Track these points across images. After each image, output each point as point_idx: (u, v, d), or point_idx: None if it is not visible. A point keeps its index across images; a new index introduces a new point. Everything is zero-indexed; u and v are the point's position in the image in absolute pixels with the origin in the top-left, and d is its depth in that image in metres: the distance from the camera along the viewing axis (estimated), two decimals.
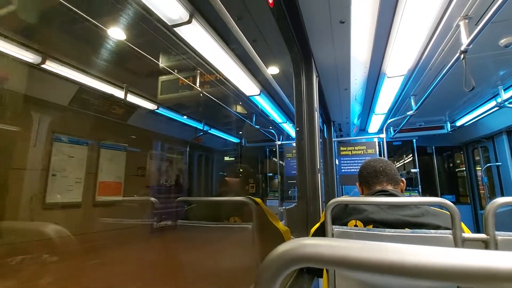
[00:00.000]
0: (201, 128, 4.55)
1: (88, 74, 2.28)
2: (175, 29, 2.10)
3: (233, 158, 6.21)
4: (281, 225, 1.45)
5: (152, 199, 1.46)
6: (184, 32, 2.13)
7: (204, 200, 1.75)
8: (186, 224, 1.47)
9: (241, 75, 2.87)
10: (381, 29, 2.08)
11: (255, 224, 1.27)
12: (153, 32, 2.09)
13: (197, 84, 2.74)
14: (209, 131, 4.73)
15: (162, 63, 2.37)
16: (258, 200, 1.44)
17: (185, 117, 4.14)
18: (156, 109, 3.33)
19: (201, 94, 3.08)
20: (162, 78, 2.73)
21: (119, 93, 2.54)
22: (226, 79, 2.97)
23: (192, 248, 1.45)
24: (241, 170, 1.63)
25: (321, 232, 1.18)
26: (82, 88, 2.23)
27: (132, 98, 2.89)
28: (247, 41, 2.13)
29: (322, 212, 1.32)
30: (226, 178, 1.52)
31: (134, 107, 3.02)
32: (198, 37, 2.19)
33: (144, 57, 2.09)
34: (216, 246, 1.39)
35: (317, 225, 1.30)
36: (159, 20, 1.97)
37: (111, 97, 2.53)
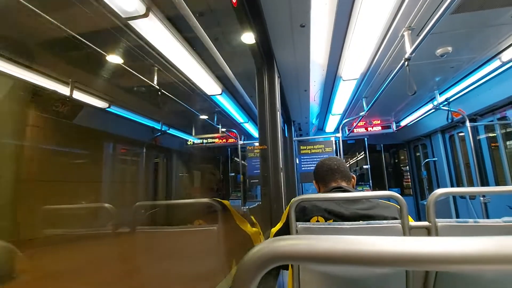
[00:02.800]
0: (159, 128, 4.35)
1: None
2: (130, 22, 1.97)
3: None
4: (249, 228, 1.44)
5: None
6: (140, 26, 2.02)
7: (167, 204, 1.68)
8: (145, 230, 1.40)
9: (202, 73, 2.81)
10: (337, 35, 2.20)
11: (221, 226, 1.25)
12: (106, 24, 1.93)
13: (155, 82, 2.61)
14: (167, 131, 4.55)
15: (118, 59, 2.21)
16: (226, 202, 1.42)
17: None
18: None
19: (159, 93, 2.95)
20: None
21: None
22: (186, 77, 2.88)
23: (152, 254, 1.38)
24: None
25: (284, 233, 1.22)
26: None
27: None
28: (209, 39, 2.09)
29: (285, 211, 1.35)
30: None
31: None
32: (155, 32, 2.09)
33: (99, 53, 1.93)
34: (179, 250, 1.34)
35: (279, 225, 1.32)
36: (112, 11, 1.84)
37: None
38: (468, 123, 3.33)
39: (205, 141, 6.26)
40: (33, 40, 2.18)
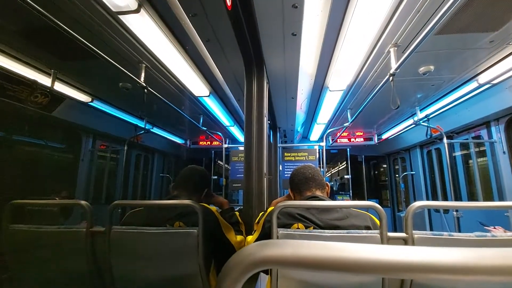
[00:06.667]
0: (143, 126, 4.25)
1: None
2: (120, 16, 1.93)
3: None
4: (233, 237, 1.41)
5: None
6: (131, 21, 1.98)
7: (146, 204, 1.62)
8: (121, 230, 1.34)
9: (191, 74, 2.78)
10: (327, 47, 2.25)
11: (202, 230, 1.22)
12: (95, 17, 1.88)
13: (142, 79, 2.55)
14: (151, 130, 4.44)
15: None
16: (213, 208, 1.39)
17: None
18: None
19: (145, 90, 2.89)
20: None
21: None
22: (174, 76, 2.84)
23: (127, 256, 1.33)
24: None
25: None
26: None
27: None
28: (200, 40, 2.08)
29: (259, 221, 1.32)
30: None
31: None
32: (146, 29, 2.05)
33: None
34: (155, 252, 1.30)
35: (256, 234, 1.30)
36: (102, 4, 1.79)
37: None
38: (445, 140, 3.48)
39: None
40: (15, 27, 2.08)
